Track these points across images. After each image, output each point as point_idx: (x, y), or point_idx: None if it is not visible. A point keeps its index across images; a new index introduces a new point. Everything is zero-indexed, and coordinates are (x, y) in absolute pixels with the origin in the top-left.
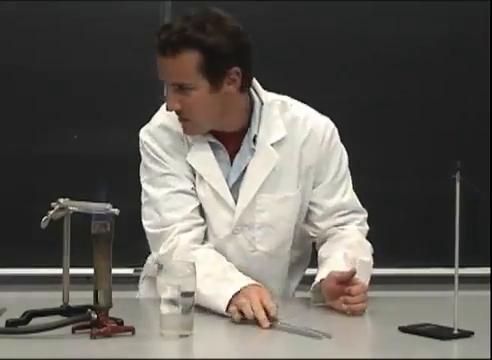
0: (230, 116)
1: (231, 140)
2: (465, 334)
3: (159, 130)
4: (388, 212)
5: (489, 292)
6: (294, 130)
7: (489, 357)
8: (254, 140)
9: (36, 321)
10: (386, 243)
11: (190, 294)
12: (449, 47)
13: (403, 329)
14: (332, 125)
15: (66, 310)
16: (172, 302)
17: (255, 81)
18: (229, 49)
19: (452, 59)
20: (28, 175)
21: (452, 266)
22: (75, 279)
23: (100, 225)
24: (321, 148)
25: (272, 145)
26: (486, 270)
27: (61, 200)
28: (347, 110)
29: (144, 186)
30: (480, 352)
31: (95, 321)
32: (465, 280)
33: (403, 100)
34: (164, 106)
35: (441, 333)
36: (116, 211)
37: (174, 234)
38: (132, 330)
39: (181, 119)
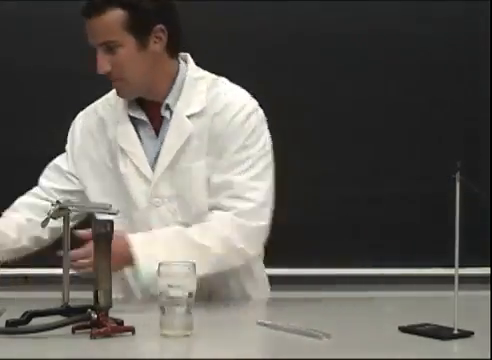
0: (158, 80)
1: (156, 115)
2: (465, 334)
3: (81, 116)
4: (388, 212)
5: (489, 292)
6: (214, 104)
7: (489, 357)
8: (170, 111)
9: (36, 321)
10: (386, 243)
11: (190, 294)
12: (449, 47)
13: (403, 329)
14: (253, 109)
15: (66, 310)
16: (172, 302)
17: (189, 57)
18: (152, 6)
19: (452, 59)
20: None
21: (452, 266)
22: (75, 279)
23: (100, 225)
24: (231, 124)
25: (188, 117)
26: (486, 270)
27: (61, 200)
28: (347, 110)
29: None
30: (480, 352)
31: (95, 321)
32: (465, 280)
33: (403, 100)
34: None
35: (441, 333)
36: (115, 210)
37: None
38: (132, 330)
39: (113, 80)
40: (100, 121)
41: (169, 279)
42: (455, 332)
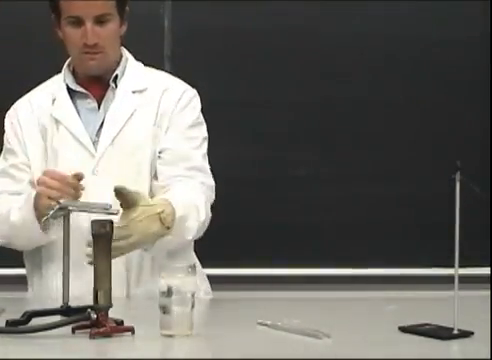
0: None
1: (96, 87)
2: (465, 334)
3: (24, 101)
4: (388, 212)
5: (489, 292)
6: (158, 82)
7: (489, 357)
8: (116, 85)
9: (36, 321)
10: (386, 243)
11: (190, 294)
12: (449, 47)
13: (403, 329)
14: (195, 93)
15: (66, 310)
16: (172, 302)
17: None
18: None
19: (452, 59)
20: None
21: (452, 266)
22: None
23: (100, 225)
24: (181, 100)
25: (134, 92)
26: (486, 270)
27: (61, 200)
28: (347, 110)
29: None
30: (480, 352)
31: (95, 321)
32: (465, 280)
33: (403, 100)
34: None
35: (441, 333)
36: (115, 210)
37: None
38: (132, 330)
39: (95, 53)
40: (28, 104)
41: (169, 279)
42: (455, 332)
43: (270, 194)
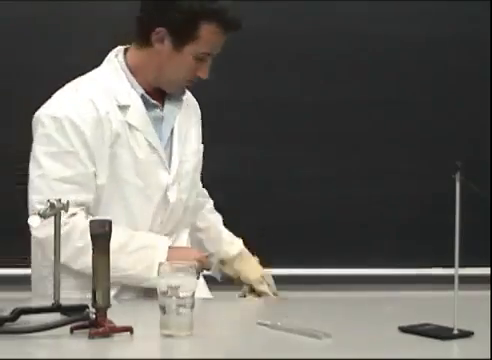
0: None
1: (156, 96)
2: (465, 334)
3: (84, 103)
4: (388, 212)
5: (489, 292)
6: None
7: (489, 357)
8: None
9: (36, 321)
10: (386, 243)
11: (190, 294)
12: (449, 47)
13: (403, 329)
14: None
15: (56, 308)
16: (172, 302)
17: None
18: None
19: (452, 59)
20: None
21: (452, 266)
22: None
23: (98, 225)
24: (198, 113)
25: (187, 105)
26: (486, 270)
27: (51, 199)
28: (347, 110)
29: (42, 158)
30: (480, 352)
31: (93, 321)
32: (465, 280)
33: (403, 100)
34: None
35: (441, 333)
36: None
37: (67, 216)
38: (130, 330)
39: (192, 83)
40: (92, 106)
41: (169, 279)
42: (455, 332)
43: (270, 194)
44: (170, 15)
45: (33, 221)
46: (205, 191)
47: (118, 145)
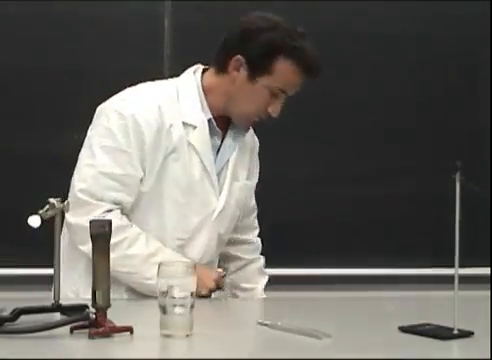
0: None
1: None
2: (465, 334)
3: (152, 108)
4: (388, 212)
5: (489, 292)
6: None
7: (489, 357)
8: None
9: (36, 321)
10: (386, 243)
11: (190, 294)
12: (449, 47)
13: (403, 329)
14: None
15: (56, 309)
16: (172, 302)
17: None
18: None
19: (452, 59)
20: (26, 174)
21: (452, 266)
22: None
23: (98, 225)
24: (254, 151)
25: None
26: (486, 270)
27: (51, 199)
28: (347, 110)
29: (96, 149)
30: (480, 352)
31: (93, 321)
32: (465, 280)
33: (403, 100)
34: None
35: (441, 333)
36: None
37: (102, 211)
38: (130, 330)
39: (261, 120)
40: (158, 113)
41: (169, 279)
42: (455, 332)
43: (270, 194)
44: (251, 45)
45: (33, 221)
46: (256, 231)
47: (172, 158)
